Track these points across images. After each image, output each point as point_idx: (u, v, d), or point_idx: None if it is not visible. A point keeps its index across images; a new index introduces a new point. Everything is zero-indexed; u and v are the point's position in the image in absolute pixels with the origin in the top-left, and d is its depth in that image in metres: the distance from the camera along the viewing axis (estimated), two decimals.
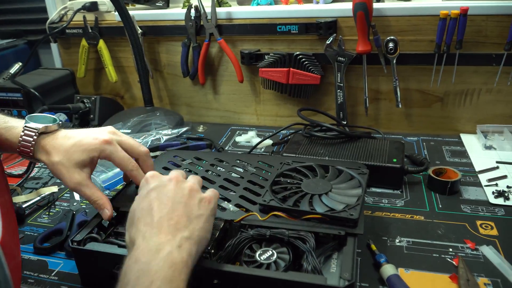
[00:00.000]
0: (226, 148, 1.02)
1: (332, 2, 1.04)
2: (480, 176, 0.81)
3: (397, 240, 0.65)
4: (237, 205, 0.61)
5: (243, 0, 1.13)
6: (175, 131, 1.03)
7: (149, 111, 1.12)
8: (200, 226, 0.48)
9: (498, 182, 0.78)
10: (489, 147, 0.92)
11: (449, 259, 0.60)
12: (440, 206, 0.73)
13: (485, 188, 0.77)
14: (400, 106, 0.99)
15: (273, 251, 0.54)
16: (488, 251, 0.61)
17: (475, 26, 0.90)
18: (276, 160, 0.72)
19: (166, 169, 0.72)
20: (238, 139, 1.06)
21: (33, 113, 1.00)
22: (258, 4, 1.08)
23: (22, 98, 1.03)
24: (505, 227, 0.67)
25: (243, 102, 1.16)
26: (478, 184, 0.79)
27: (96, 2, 1.17)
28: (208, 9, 1.05)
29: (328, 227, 0.55)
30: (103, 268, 0.56)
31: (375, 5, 0.94)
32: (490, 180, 0.79)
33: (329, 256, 0.55)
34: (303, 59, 1.01)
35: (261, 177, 0.69)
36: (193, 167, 0.73)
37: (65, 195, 0.84)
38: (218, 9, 1.05)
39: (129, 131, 1.04)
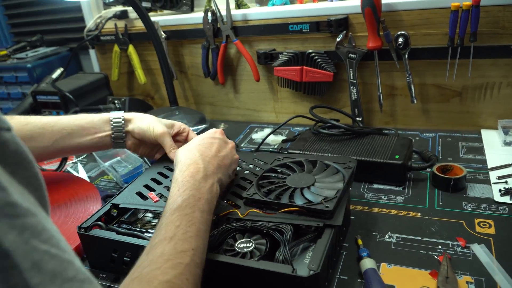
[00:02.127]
0: (242, 145, 1.06)
1: None
2: (491, 173, 0.78)
3: (386, 236, 0.65)
4: (227, 200, 0.65)
5: (261, 1, 1.16)
6: (195, 128, 1.09)
7: (174, 110, 1.19)
8: (226, 181, 0.65)
9: (509, 179, 0.75)
10: (509, 143, 0.88)
11: (435, 256, 0.60)
12: (441, 203, 0.72)
13: (493, 185, 0.74)
14: (415, 101, 0.97)
15: (252, 241, 0.57)
16: (478, 250, 0.60)
17: (491, 17, 0.86)
18: (271, 157, 0.75)
19: (168, 169, 0.77)
20: (254, 136, 1.10)
21: (68, 114, 1.11)
22: (273, 4, 1.11)
23: (60, 100, 1.14)
24: (504, 226, 0.64)
25: (261, 101, 1.20)
26: (487, 181, 0.76)
27: (126, 10, 1.26)
28: (224, 12, 1.09)
29: (306, 219, 0.57)
30: (103, 252, 0.63)
31: (385, 0, 0.93)
32: (500, 177, 0.76)
33: (307, 247, 0.58)
34: (316, 57, 1.02)
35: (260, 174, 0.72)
36: None
37: None
38: (233, 12, 1.09)
39: None
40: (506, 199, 0.70)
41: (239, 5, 1.17)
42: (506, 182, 0.75)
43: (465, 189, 0.75)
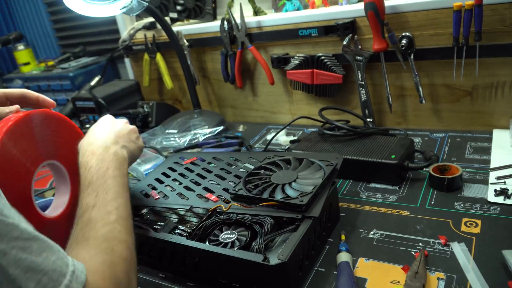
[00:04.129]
0: (256, 146, 1.12)
1: (357, 2, 1.06)
2: (492, 173, 0.77)
3: (371, 233, 0.68)
4: (219, 196, 0.71)
5: (276, 7, 1.21)
6: (211, 130, 1.17)
7: (195, 113, 1.27)
8: (133, 147, 0.68)
9: (507, 180, 0.74)
10: None
11: (413, 253, 0.62)
12: (433, 202, 0.73)
13: (490, 186, 0.74)
14: (423, 102, 0.97)
15: (235, 233, 0.62)
16: (456, 248, 0.61)
17: (498, 15, 0.85)
18: (264, 155, 0.79)
19: (171, 169, 0.84)
20: (268, 137, 1.15)
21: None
22: (286, 10, 1.16)
23: (94, 105, 1.26)
24: (491, 226, 0.64)
25: (278, 103, 1.24)
26: (485, 181, 0.76)
27: (154, 22, 1.36)
28: (239, 20, 1.15)
29: (285, 211, 0.62)
30: None
31: (391, 2, 0.94)
32: (499, 177, 0.75)
33: (287, 239, 0.62)
34: (325, 60, 1.06)
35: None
36: (193, 166, 0.84)
37: None
38: (247, 19, 1.15)
39: (175, 131, 1.20)
40: (499, 199, 0.70)
41: (256, 12, 1.23)
42: (504, 182, 0.74)
43: (461, 188, 0.75)
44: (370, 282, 0.58)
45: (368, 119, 1.06)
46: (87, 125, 1.31)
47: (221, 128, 1.18)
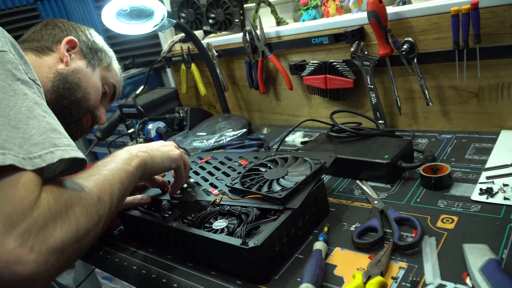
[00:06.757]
0: (274, 147, 1.20)
1: None
2: (484, 173, 0.79)
3: (353, 226, 0.74)
4: (220, 190, 0.81)
5: (295, 17, 1.29)
6: (235, 133, 1.27)
7: (223, 117, 1.39)
8: (157, 154, 0.75)
9: (496, 180, 0.76)
10: None
11: (384, 244, 0.67)
12: (418, 200, 0.77)
13: (478, 185, 0.76)
14: (430, 104, 1.00)
15: (226, 221, 0.72)
16: (425, 241, 0.65)
17: (498, 17, 0.86)
18: (266, 154, 0.88)
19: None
20: (287, 139, 1.23)
21: (139, 122, 1.38)
22: (303, 20, 1.23)
23: (136, 112, 1.43)
24: (466, 222, 0.68)
25: (298, 107, 1.32)
26: (476, 181, 0.78)
27: None
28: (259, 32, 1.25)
29: (268, 204, 0.70)
30: (132, 226, 0.84)
31: (394, 9, 0.99)
32: (488, 177, 0.77)
33: None
34: (336, 66, 1.12)
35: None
36: (206, 164, 0.95)
37: None
38: (266, 30, 1.24)
39: (204, 133, 1.33)
40: (482, 198, 0.72)
41: (278, 23, 1.32)
42: (492, 182, 0.76)
43: (450, 187, 0.78)
44: (338, 268, 0.64)
45: (380, 121, 1.10)
46: (131, 129, 1.48)
47: (243, 130, 1.29)
